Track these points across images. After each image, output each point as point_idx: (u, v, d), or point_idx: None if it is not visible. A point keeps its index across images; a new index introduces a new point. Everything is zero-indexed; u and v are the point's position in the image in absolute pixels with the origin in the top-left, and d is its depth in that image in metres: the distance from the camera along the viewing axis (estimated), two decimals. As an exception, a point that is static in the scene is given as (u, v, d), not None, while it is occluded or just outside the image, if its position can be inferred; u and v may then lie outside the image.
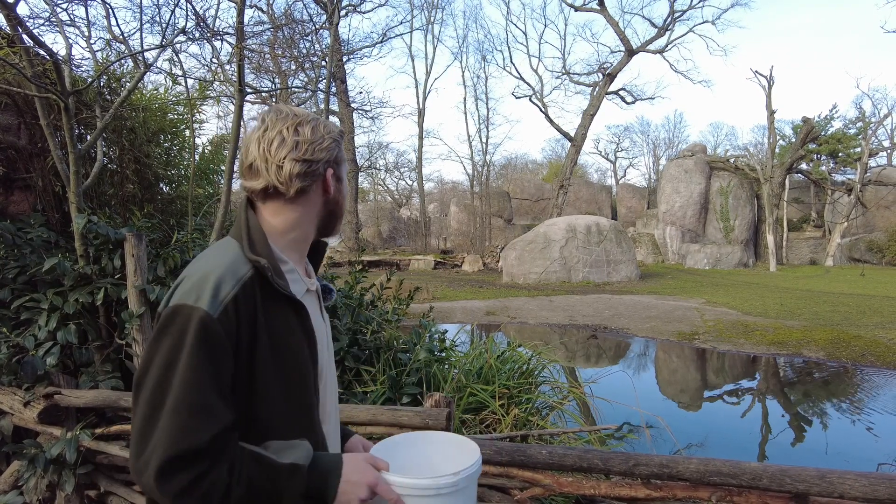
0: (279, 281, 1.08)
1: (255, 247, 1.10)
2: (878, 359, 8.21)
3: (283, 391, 1.07)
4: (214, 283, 1.01)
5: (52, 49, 3.11)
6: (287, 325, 1.09)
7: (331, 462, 1.05)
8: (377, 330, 4.05)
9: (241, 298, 1.02)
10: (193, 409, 0.93)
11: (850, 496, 1.80)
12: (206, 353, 0.96)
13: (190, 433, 0.91)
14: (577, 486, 2.22)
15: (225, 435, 0.95)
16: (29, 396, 2.95)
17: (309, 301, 1.20)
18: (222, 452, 0.94)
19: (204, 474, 0.91)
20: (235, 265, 1.06)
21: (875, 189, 26.35)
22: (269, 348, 1.05)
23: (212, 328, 0.97)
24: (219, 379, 0.97)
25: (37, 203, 3.92)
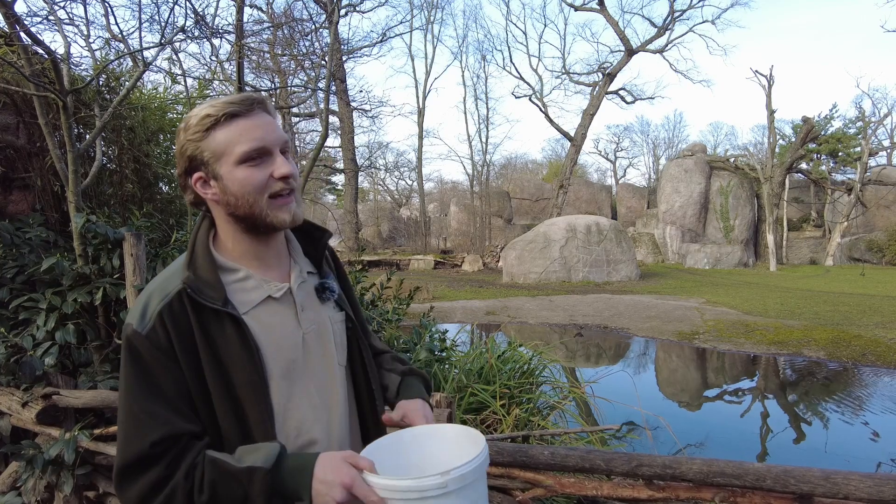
0: (208, 294, 1.03)
1: (193, 259, 1.07)
2: (878, 358, 8.20)
3: (231, 405, 1.03)
4: (144, 302, 1.03)
5: (51, 48, 3.10)
6: (225, 338, 1.03)
7: (300, 464, 0.96)
8: (377, 330, 4.04)
9: (166, 313, 1.01)
10: (132, 418, 0.96)
11: (854, 497, 1.79)
12: (139, 367, 0.99)
13: (132, 441, 0.94)
14: (579, 486, 2.20)
15: (172, 441, 0.96)
16: (27, 397, 2.93)
17: (270, 309, 1.11)
18: (175, 459, 0.95)
19: (161, 481, 0.93)
20: (167, 281, 1.06)
21: (875, 188, 26.34)
22: (211, 362, 1.02)
23: (140, 344, 0.99)
24: (159, 389, 0.98)
25: (35, 202, 3.90)
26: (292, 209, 1.07)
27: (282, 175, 1.04)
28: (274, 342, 1.08)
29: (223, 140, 1.03)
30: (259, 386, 1.04)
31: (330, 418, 1.18)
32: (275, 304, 1.12)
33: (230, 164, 1.03)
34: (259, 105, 1.06)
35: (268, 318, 1.09)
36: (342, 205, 25.52)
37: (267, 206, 1.05)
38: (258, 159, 1.04)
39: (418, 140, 31.03)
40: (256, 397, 1.04)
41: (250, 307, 1.08)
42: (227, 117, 1.02)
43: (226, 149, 1.03)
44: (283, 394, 1.09)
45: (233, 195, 1.05)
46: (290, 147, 1.14)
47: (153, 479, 0.93)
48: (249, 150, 1.02)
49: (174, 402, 0.99)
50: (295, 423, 1.11)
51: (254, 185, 1.03)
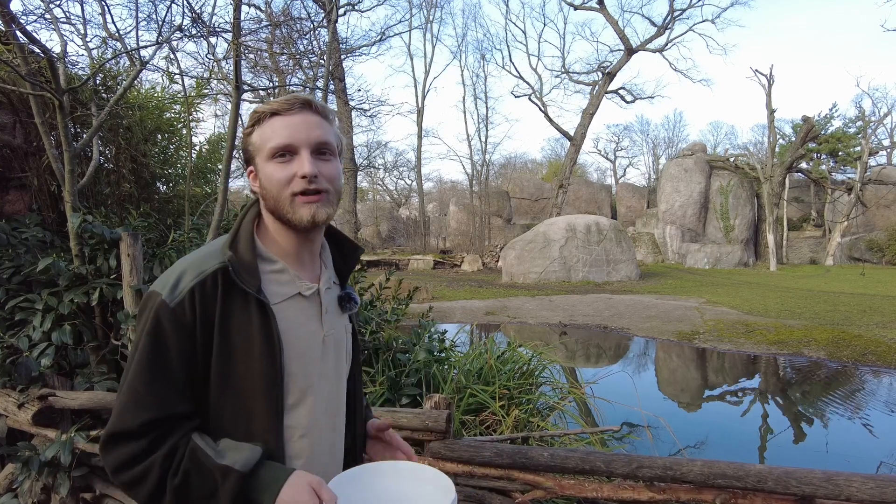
0: (245, 277, 1.03)
1: (235, 242, 1.08)
2: (878, 358, 8.18)
3: (235, 396, 1.03)
4: (179, 274, 1.03)
5: (47, 46, 3.08)
6: (246, 325, 1.03)
7: (273, 476, 0.97)
8: (376, 330, 4.02)
9: (198, 291, 1.01)
10: (133, 394, 0.97)
11: (856, 499, 1.77)
12: (157, 341, 0.99)
13: (125, 416, 0.97)
14: (579, 488, 2.19)
15: (162, 423, 0.97)
16: (23, 398, 2.91)
17: (298, 305, 1.12)
18: (159, 440, 0.97)
19: (138, 456, 0.96)
20: (206, 259, 1.06)
21: (875, 188, 26.33)
22: (222, 349, 1.02)
23: (165, 316, 0.99)
24: (169, 368, 0.99)
25: (32, 202, 3.88)
26: (314, 209, 1.07)
27: (303, 174, 1.05)
28: (297, 338, 1.10)
29: (261, 136, 1.09)
30: (275, 380, 1.04)
31: (334, 427, 1.20)
32: (303, 302, 1.13)
33: (263, 158, 1.08)
34: (303, 105, 1.09)
35: (295, 315, 1.11)
36: (341, 204, 25.52)
37: (289, 203, 1.07)
38: (286, 156, 1.07)
39: (417, 139, 31.03)
40: (269, 389, 1.04)
41: (281, 300, 1.09)
42: (270, 115, 1.08)
43: (262, 144, 1.08)
44: (296, 391, 1.10)
45: (264, 188, 1.09)
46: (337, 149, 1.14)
47: (134, 452, 0.96)
48: (276, 146, 1.06)
49: (180, 383, 1.00)
50: (302, 423, 1.11)
51: (278, 180, 1.06)
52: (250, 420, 1.04)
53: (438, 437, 2.35)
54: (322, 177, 1.07)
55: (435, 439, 2.36)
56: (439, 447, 2.34)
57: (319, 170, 1.07)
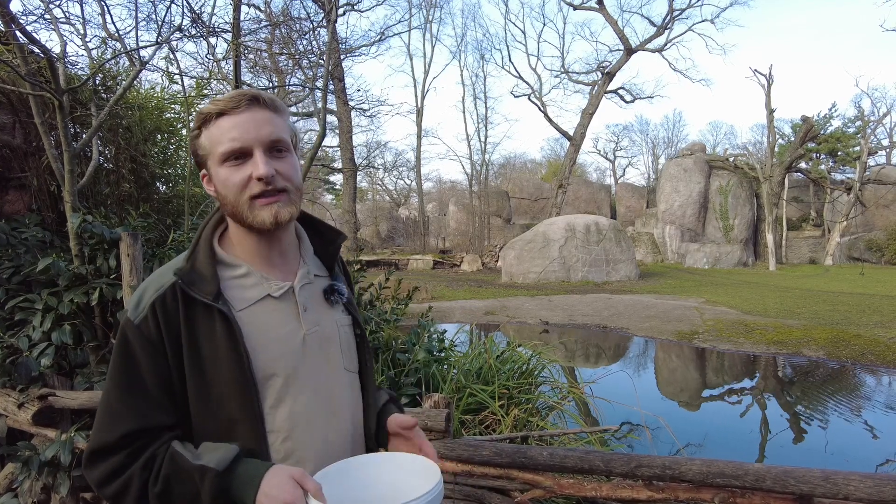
0: (199, 287, 1.02)
1: (194, 253, 1.08)
2: (877, 357, 8.19)
3: (213, 405, 1.02)
4: (141, 292, 1.05)
5: (47, 46, 3.08)
6: (210, 333, 1.02)
7: (252, 472, 0.95)
8: (375, 330, 4.02)
9: (158, 306, 1.01)
10: (108, 409, 1.00)
11: (854, 497, 1.78)
12: (126, 357, 1.01)
13: (103, 431, 0.99)
14: (578, 487, 2.19)
15: (139, 435, 0.98)
16: (23, 398, 2.92)
17: (268, 308, 1.09)
18: (138, 449, 0.98)
19: (119, 469, 0.97)
20: (165, 273, 1.06)
21: (874, 188, 26.35)
22: (193, 360, 1.02)
23: (132, 334, 1.01)
24: (139, 382, 1.00)
25: (32, 202, 3.88)
26: (275, 210, 1.03)
27: (258, 175, 1.00)
28: (268, 341, 1.06)
29: (210, 139, 1.03)
30: (246, 385, 1.02)
31: (328, 423, 1.14)
32: (274, 303, 1.10)
33: (215, 162, 1.04)
34: (249, 101, 1.03)
35: (264, 317, 1.08)
36: (340, 204, 25.49)
37: (248, 207, 1.03)
38: (239, 159, 1.02)
39: (417, 139, 31.05)
40: (244, 396, 1.03)
41: (247, 304, 1.06)
42: (217, 115, 1.02)
43: (211, 148, 1.04)
44: (273, 394, 1.07)
45: (220, 194, 1.06)
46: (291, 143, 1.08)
47: (114, 466, 0.97)
48: (226, 150, 1.01)
49: (154, 395, 1.01)
50: (286, 425, 1.08)
51: (233, 184, 1.02)
52: (232, 427, 1.03)
53: (438, 436, 2.36)
54: (279, 175, 1.03)
55: (434, 439, 2.36)
56: (439, 446, 2.34)
57: (276, 168, 1.02)
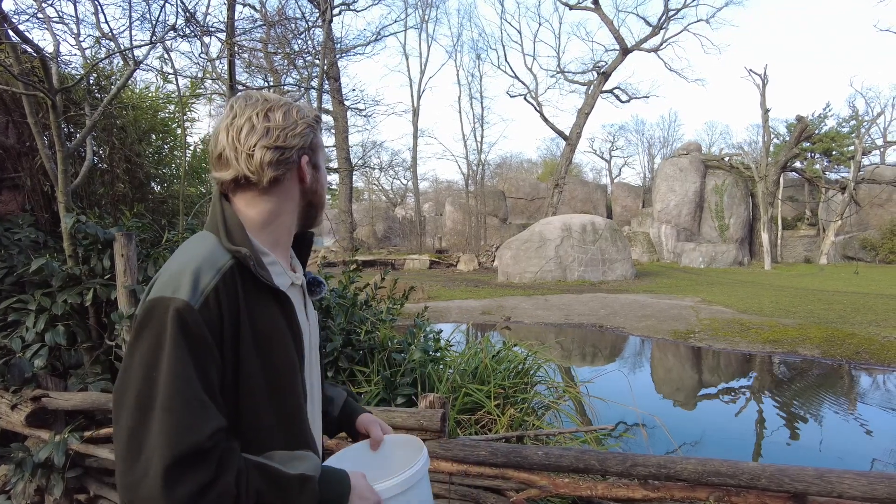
0: (262, 272, 1.02)
1: (233, 237, 1.04)
2: (872, 356, 8.23)
3: (270, 391, 1.01)
4: (193, 274, 0.95)
5: (40, 46, 3.06)
6: (271, 318, 1.03)
7: (339, 475, 1.04)
8: (371, 330, 4.01)
9: (222, 289, 0.96)
10: (188, 404, 0.86)
11: (848, 495, 1.79)
12: (190, 346, 0.90)
13: (191, 429, 0.84)
14: (573, 487, 2.19)
15: (222, 435, 0.89)
16: (16, 399, 2.90)
17: (293, 295, 1.14)
18: (226, 459, 0.88)
19: (212, 483, 0.85)
20: (214, 256, 1.01)
21: (868, 187, 26.48)
22: (253, 344, 0.99)
23: (194, 319, 0.91)
24: (207, 374, 0.91)
25: (25, 203, 3.86)
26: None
27: None
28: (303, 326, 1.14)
29: (318, 143, 1.17)
30: (297, 367, 1.07)
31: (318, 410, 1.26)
32: (294, 292, 1.16)
33: (317, 163, 1.18)
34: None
35: (296, 304, 1.14)
36: (337, 204, 25.48)
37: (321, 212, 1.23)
38: None
39: (413, 139, 31.01)
40: (295, 379, 1.06)
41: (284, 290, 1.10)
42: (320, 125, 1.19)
43: (322, 148, 1.20)
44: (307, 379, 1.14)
45: (317, 191, 1.19)
46: None
47: (207, 479, 0.84)
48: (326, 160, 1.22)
49: (214, 390, 0.93)
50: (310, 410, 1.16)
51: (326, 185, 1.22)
52: (284, 412, 1.04)
53: (433, 436, 2.35)
54: None
55: (430, 438, 2.36)
56: (434, 446, 2.34)
57: None
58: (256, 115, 1.06)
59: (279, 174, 1.08)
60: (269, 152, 1.05)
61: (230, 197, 1.11)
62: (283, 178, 1.09)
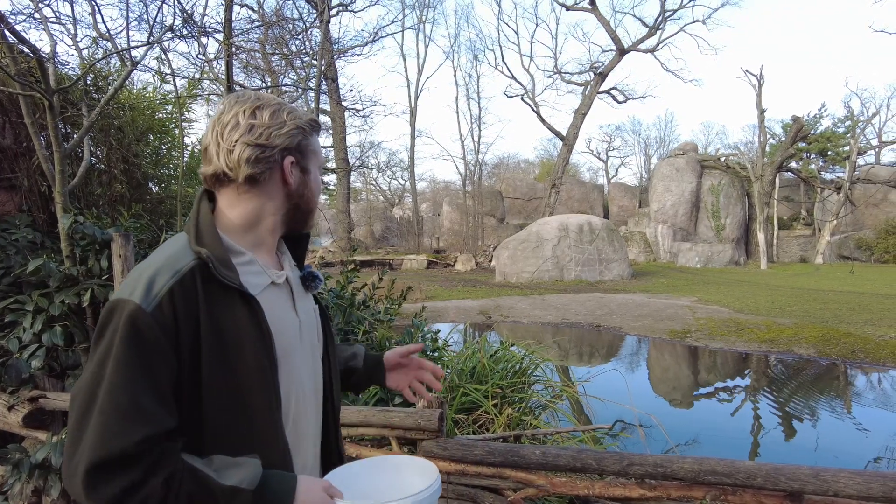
0: (224, 272, 1.00)
1: (200, 237, 1.04)
2: (867, 355, 8.27)
3: (231, 393, 0.99)
4: (149, 277, 0.96)
5: (36, 46, 3.06)
6: (235, 320, 1.00)
7: (284, 486, 0.96)
8: (369, 330, 4.02)
9: (177, 291, 0.95)
10: (122, 409, 0.86)
11: (844, 494, 1.80)
12: (138, 350, 0.90)
13: (118, 435, 0.85)
14: (570, 486, 2.20)
15: (159, 441, 0.89)
16: (13, 400, 2.90)
17: (273, 294, 1.12)
18: (158, 461, 0.88)
19: (137, 484, 0.85)
20: (176, 257, 1.00)
21: (864, 187, 26.58)
22: (214, 346, 0.97)
23: (144, 322, 0.91)
24: (154, 378, 0.91)
25: (22, 203, 3.86)
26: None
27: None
28: (279, 327, 1.09)
29: (315, 147, 1.18)
30: (269, 370, 1.02)
31: (316, 408, 1.21)
32: (276, 290, 1.13)
33: (317, 167, 1.19)
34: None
35: (272, 304, 1.10)
36: (334, 204, 25.47)
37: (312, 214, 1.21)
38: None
39: (410, 139, 30.99)
40: (265, 382, 1.02)
41: (258, 290, 1.08)
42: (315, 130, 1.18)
43: (316, 154, 1.18)
44: (284, 381, 1.09)
45: (307, 194, 1.17)
46: None
47: (131, 481, 0.85)
48: (321, 164, 1.20)
49: (164, 394, 0.92)
50: (293, 413, 1.11)
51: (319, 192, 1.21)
52: (251, 416, 1.01)
53: (431, 435, 2.36)
54: None
55: (427, 438, 2.37)
56: (432, 446, 2.35)
57: None
58: (243, 112, 1.07)
59: (256, 172, 1.07)
60: (248, 149, 1.05)
61: (216, 195, 1.12)
62: (261, 177, 1.08)
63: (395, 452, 2.45)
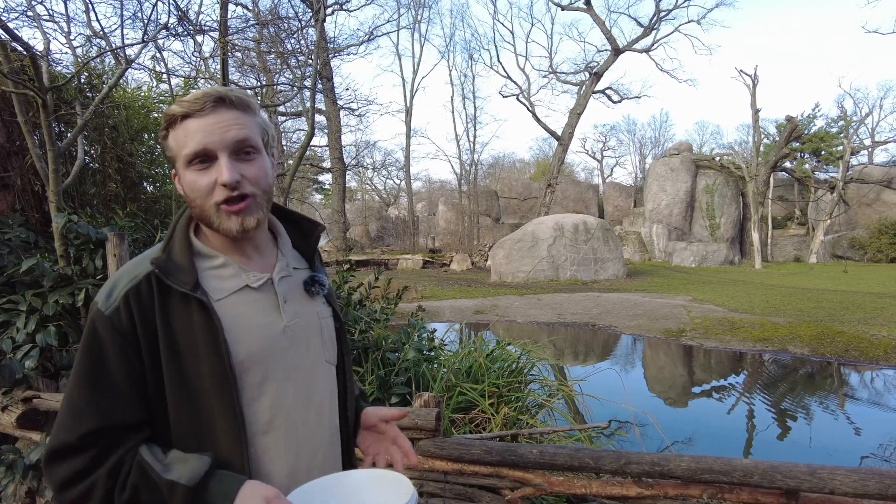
0: (177, 277, 1.00)
1: (169, 244, 1.05)
2: (861, 354, 8.32)
3: (182, 398, 0.99)
4: (114, 282, 1.01)
5: (30, 44, 3.03)
6: (188, 325, 0.99)
7: (224, 490, 0.94)
8: (365, 330, 4.01)
9: (133, 296, 0.98)
10: (72, 404, 0.95)
11: (840, 492, 1.81)
12: (95, 350, 0.97)
13: (64, 430, 0.94)
14: (567, 485, 2.20)
15: (103, 435, 0.95)
16: (7, 401, 2.88)
17: (245, 298, 1.07)
18: (102, 452, 0.94)
19: (80, 472, 0.93)
20: (139, 264, 1.03)
21: (857, 187, 26.75)
22: (169, 351, 0.98)
23: (101, 325, 0.97)
24: (106, 377, 0.96)
25: (15, 202, 3.83)
26: (241, 219, 1.02)
27: (223, 182, 0.99)
28: (247, 332, 1.04)
29: (176, 141, 1.01)
30: (225, 377, 1.00)
31: (308, 417, 1.13)
32: (253, 294, 1.08)
33: (182, 165, 1.02)
34: (215, 102, 1.00)
35: (243, 308, 1.06)
36: (330, 204, 25.40)
37: (214, 213, 1.01)
38: (205, 163, 1.00)
39: (406, 139, 31.00)
40: (222, 389, 1.00)
41: (225, 294, 1.05)
42: (181, 118, 1.00)
43: (177, 150, 1.02)
44: (252, 387, 1.05)
45: (188, 196, 1.04)
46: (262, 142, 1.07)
47: (75, 469, 0.93)
48: (189, 153, 0.99)
49: (122, 391, 0.96)
50: (265, 418, 1.07)
51: (199, 189, 1.01)
52: (210, 420, 1.00)
53: (428, 435, 2.36)
54: (245, 180, 1.01)
55: (425, 437, 2.36)
56: (429, 445, 2.34)
57: (242, 173, 1.01)
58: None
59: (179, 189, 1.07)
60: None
61: None
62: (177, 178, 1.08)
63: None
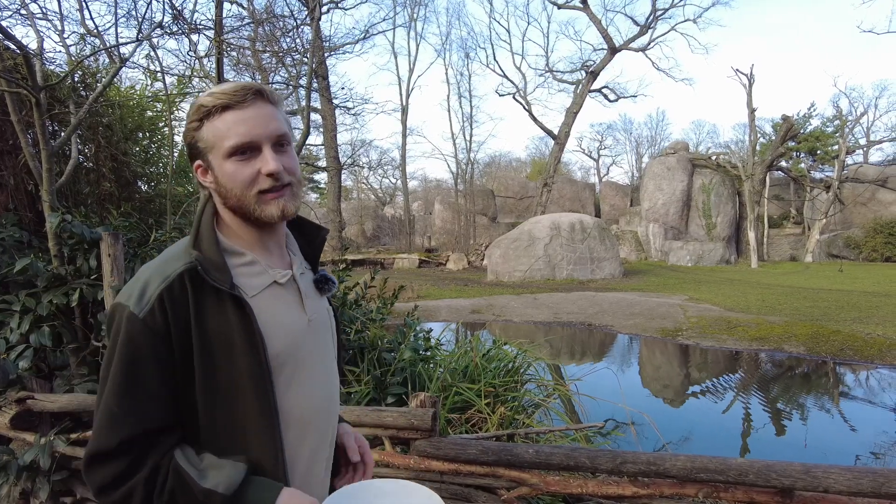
0: (215, 275, 1.00)
1: (198, 240, 1.05)
2: (856, 353, 8.35)
3: (217, 396, 0.99)
4: (144, 283, 0.99)
5: (23, 42, 3.02)
6: (224, 323, 1.00)
7: (261, 497, 0.96)
8: (361, 329, 4.01)
9: (167, 296, 0.97)
10: (109, 412, 0.95)
11: (834, 490, 1.81)
12: (131, 356, 0.95)
13: (103, 435, 0.94)
14: (564, 484, 2.20)
15: (142, 439, 0.95)
16: (0, 401, 2.86)
17: (275, 294, 1.10)
18: (140, 456, 0.95)
19: (123, 475, 0.93)
20: (169, 262, 1.02)
21: (852, 186, 26.86)
22: (204, 350, 0.98)
23: (137, 329, 0.95)
24: (143, 382, 0.95)
25: (8, 202, 3.81)
26: (282, 204, 1.05)
27: (269, 172, 1.02)
28: (278, 328, 1.07)
29: (213, 132, 1.02)
30: (261, 374, 1.01)
31: (330, 409, 1.18)
32: (280, 290, 1.11)
33: (220, 157, 1.03)
34: (255, 95, 1.03)
35: (273, 304, 1.08)
36: (325, 203, 25.38)
37: (255, 202, 1.04)
38: (246, 154, 1.02)
39: (402, 138, 30.96)
40: (258, 385, 1.01)
41: (256, 291, 1.06)
42: (220, 109, 1.01)
43: (215, 142, 1.03)
44: (284, 382, 1.07)
45: (224, 187, 1.04)
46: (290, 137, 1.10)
47: (115, 473, 0.93)
48: (235, 145, 1.01)
49: (159, 394, 0.96)
50: (296, 414, 1.09)
51: (241, 180, 1.02)
52: (244, 418, 1.01)
53: (424, 435, 2.35)
54: (285, 171, 1.04)
55: (421, 437, 2.36)
56: (425, 445, 2.34)
57: (282, 164, 1.04)
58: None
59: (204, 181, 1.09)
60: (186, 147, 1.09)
61: None
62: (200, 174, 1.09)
63: (388, 452, 2.44)
